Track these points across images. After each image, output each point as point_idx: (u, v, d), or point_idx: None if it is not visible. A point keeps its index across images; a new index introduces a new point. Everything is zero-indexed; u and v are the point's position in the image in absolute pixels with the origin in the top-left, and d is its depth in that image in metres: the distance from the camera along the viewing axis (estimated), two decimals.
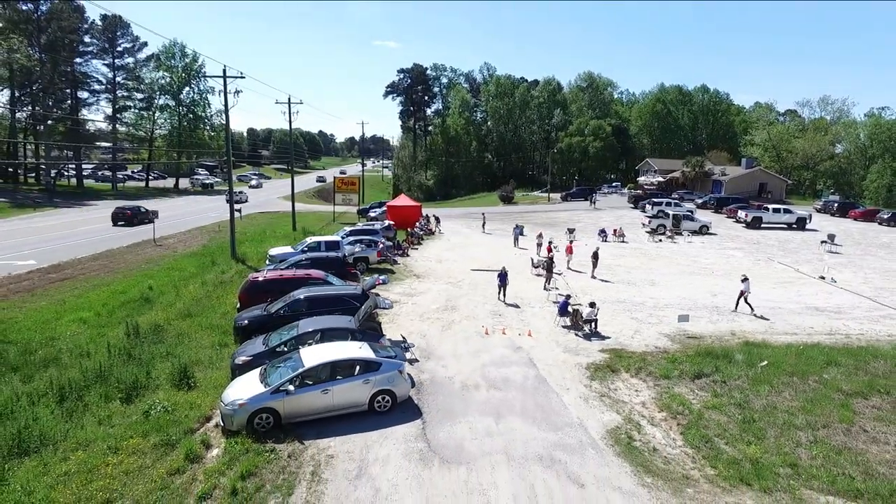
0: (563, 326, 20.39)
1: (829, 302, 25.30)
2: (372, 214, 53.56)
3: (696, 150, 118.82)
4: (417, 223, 44.11)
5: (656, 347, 18.40)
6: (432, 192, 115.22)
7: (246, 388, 12.51)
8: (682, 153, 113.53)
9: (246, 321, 17.23)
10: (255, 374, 13.18)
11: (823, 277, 30.12)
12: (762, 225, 49.28)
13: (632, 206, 63.84)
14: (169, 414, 12.70)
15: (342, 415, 12.82)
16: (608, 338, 19.35)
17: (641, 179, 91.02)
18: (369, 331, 15.75)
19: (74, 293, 23.94)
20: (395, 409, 13.25)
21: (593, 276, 28.90)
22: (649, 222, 46.70)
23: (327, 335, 14.66)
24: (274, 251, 27.92)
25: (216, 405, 13.14)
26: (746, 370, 16.00)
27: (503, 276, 23.70)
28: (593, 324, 19.64)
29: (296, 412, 12.34)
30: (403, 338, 17.34)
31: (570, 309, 20.27)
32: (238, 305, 19.64)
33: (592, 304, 20.00)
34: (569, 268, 30.98)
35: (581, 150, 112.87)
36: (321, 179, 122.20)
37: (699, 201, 62.95)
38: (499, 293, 23.92)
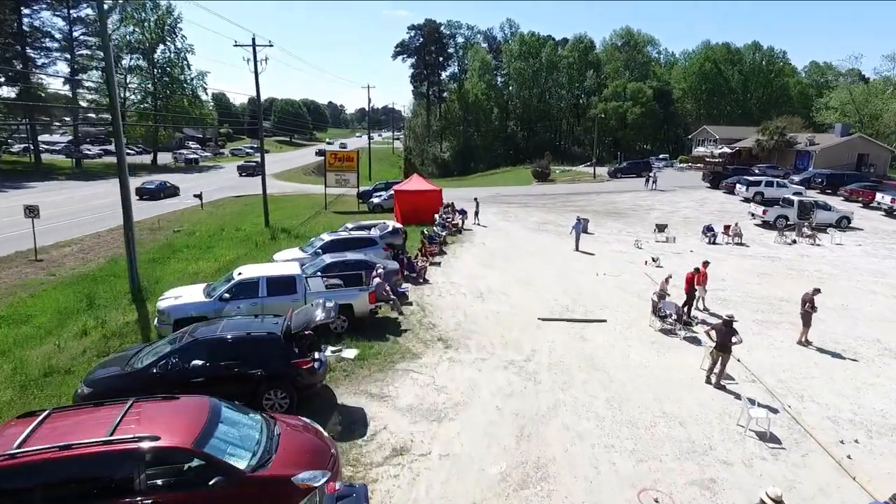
0: None
1: None
2: (375, 200, 40.37)
3: (746, 116, 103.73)
4: (437, 216, 30.80)
5: None
6: (448, 166, 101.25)
7: None
8: (731, 120, 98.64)
9: None
10: None
11: None
12: None
13: (708, 185, 49.81)
14: None
15: None
16: None
17: (700, 150, 76.42)
18: None
19: None
20: None
21: (805, 342, 15.31)
22: (763, 212, 32.99)
23: None
24: (165, 304, 14.35)
25: None
26: None
27: None
28: None
29: None
30: None
31: None
32: None
33: None
34: (705, 308, 17.70)
35: (618, 116, 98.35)
36: (321, 153, 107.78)
37: (797, 178, 48.78)
38: None
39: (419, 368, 12.95)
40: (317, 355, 11.38)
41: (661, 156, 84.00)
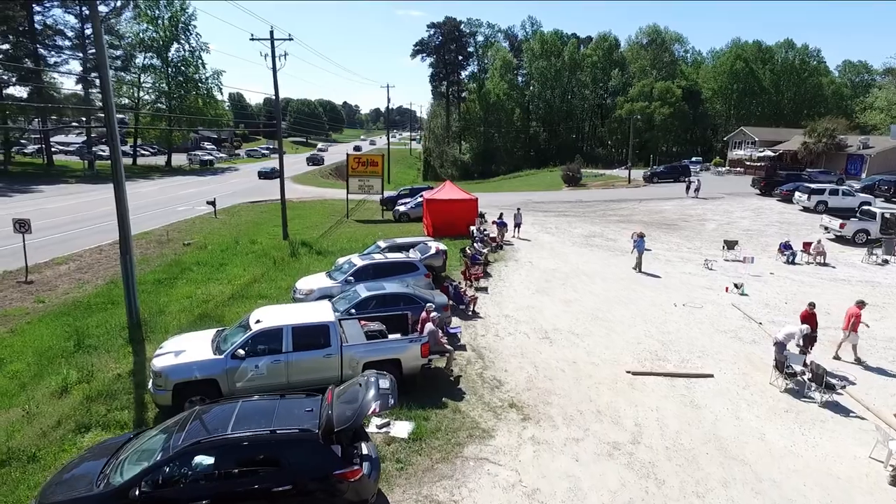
0: None
1: None
2: (401, 208, 37.24)
3: (778, 117, 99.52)
4: (474, 229, 27.50)
5: None
6: (468, 168, 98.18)
7: None
8: (761, 120, 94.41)
9: None
10: None
11: None
12: None
13: (758, 192, 45.95)
14: None
15: None
16: None
17: (738, 153, 72.41)
18: None
19: None
20: None
21: None
22: (840, 226, 29.33)
23: None
24: (162, 363, 10.43)
25: None
26: None
27: None
28: None
29: None
30: None
31: None
32: None
33: None
34: (856, 359, 14.30)
35: (644, 117, 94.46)
36: (357, 149, 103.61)
37: (857, 185, 44.86)
38: None
39: (495, 456, 9.70)
40: (364, 449, 8.22)
41: (693, 159, 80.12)
